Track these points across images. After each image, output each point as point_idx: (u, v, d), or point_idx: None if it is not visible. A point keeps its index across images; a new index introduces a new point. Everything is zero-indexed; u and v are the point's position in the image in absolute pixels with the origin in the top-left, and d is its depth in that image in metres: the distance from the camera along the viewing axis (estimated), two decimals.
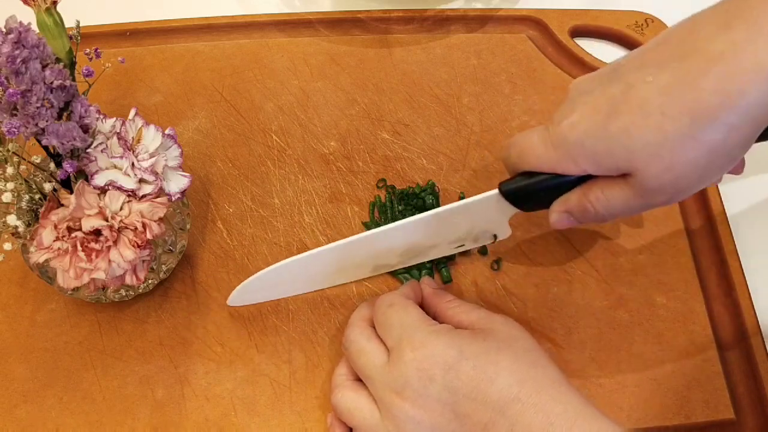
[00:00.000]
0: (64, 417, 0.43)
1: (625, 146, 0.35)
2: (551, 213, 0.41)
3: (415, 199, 0.50)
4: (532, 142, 0.39)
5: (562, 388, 0.36)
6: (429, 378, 0.37)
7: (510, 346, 0.38)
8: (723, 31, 0.32)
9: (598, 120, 0.36)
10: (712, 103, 0.32)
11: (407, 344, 0.38)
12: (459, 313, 0.41)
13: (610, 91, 0.36)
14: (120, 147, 0.41)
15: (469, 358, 0.37)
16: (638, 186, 0.36)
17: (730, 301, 0.47)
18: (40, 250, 0.39)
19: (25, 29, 0.36)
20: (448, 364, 0.37)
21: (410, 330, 0.39)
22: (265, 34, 0.60)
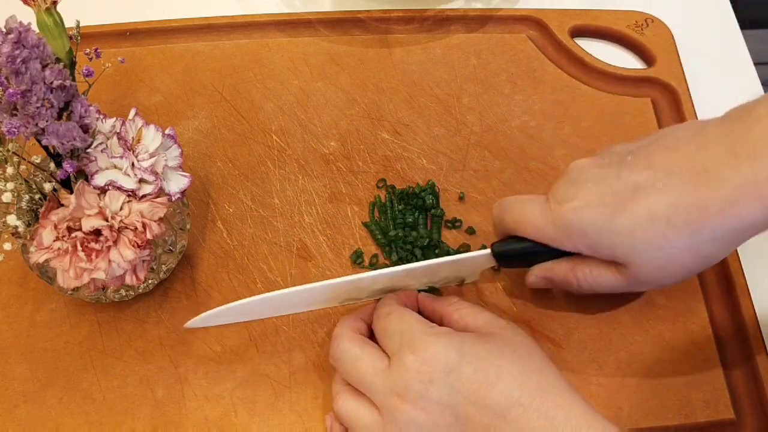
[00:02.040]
0: (64, 417, 0.43)
1: (627, 243, 0.38)
2: (530, 275, 0.44)
3: (415, 199, 0.50)
4: (531, 213, 0.41)
5: (566, 394, 0.36)
6: (429, 380, 0.37)
7: (513, 350, 0.38)
8: (730, 158, 0.36)
9: (605, 213, 0.38)
10: (715, 222, 0.36)
11: (407, 348, 0.38)
12: (465, 315, 0.41)
13: (618, 186, 0.38)
14: (120, 147, 0.41)
15: (470, 361, 0.37)
16: (629, 276, 0.39)
17: (730, 301, 0.47)
18: (40, 250, 0.39)
19: (25, 29, 0.36)
20: (449, 367, 0.37)
21: (410, 333, 0.39)
22: (265, 34, 0.60)
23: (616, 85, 0.57)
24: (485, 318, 0.40)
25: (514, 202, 0.43)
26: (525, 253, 0.43)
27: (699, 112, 0.55)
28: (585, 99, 0.56)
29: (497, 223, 0.44)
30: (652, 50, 0.58)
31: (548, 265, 0.43)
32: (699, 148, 0.37)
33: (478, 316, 0.41)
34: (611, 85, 0.57)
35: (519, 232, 0.42)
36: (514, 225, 0.42)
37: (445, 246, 0.49)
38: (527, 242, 0.42)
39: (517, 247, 0.43)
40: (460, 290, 0.48)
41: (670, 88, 0.56)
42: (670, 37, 0.59)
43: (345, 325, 0.42)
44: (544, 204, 0.41)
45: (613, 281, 0.40)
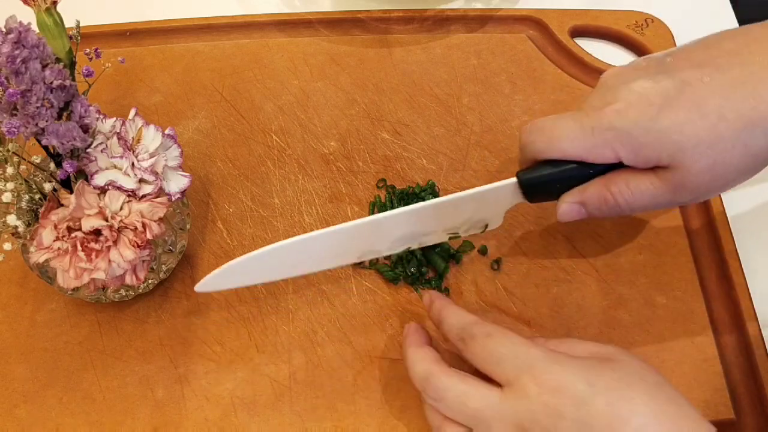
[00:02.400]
0: (64, 417, 0.43)
1: (675, 141, 0.36)
2: (561, 203, 0.40)
3: (415, 199, 0.50)
4: (565, 126, 0.38)
5: (699, 425, 0.33)
6: (558, 415, 0.33)
7: (642, 379, 0.34)
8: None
9: (650, 112, 0.36)
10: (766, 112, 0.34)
11: (529, 378, 0.34)
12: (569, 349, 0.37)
13: (663, 85, 0.36)
14: (120, 147, 0.41)
15: (600, 392, 0.33)
16: (673, 181, 0.37)
17: (730, 301, 0.47)
18: (40, 250, 0.39)
19: (25, 29, 0.36)
20: (579, 399, 0.33)
21: (528, 360, 0.35)
22: (265, 34, 0.60)
23: None
24: (596, 345, 0.37)
25: (544, 121, 0.40)
26: (555, 179, 0.40)
27: None
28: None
29: (526, 147, 0.40)
30: (652, 50, 0.58)
31: (580, 188, 0.39)
32: (745, 44, 0.35)
33: (586, 344, 0.37)
34: None
35: (551, 151, 0.39)
36: (547, 144, 0.39)
37: (445, 245, 0.49)
38: (557, 165, 0.39)
39: (546, 172, 0.40)
40: (460, 290, 0.48)
41: None
42: (670, 37, 0.59)
43: (421, 353, 0.38)
44: (579, 115, 0.38)
45: (653, 191, 0.38)
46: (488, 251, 0.49)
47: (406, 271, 0.48)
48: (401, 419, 0.43)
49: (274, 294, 0.48)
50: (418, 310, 0.47)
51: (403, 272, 0.48)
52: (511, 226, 0.50)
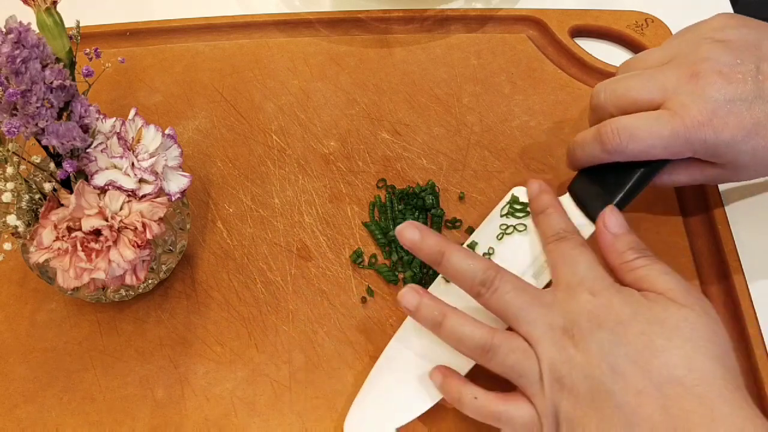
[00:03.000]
0: (64, 417, 0.43)
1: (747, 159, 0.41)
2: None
3: (415, 199, 0.50)
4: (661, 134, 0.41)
5: (737, 392, 0.34)
6: (598, 324, 0.36)
7: (693, 329, 0.35)
8: None
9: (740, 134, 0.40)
10: None
11: (587, 288, 0.38)
12: (655, 275, 0.38)
13: (757, 110, 0.40)
14: (120, 147, 0.41)
15: (641, 321, 0.36)
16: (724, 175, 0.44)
17: (731, 301, 0.47)
18: (40, 250, 0.39)
19: (25, 29, 0.36)
20: (620, 319, 0.36)
21: (594, 275, 0.38)
22: (265, 34, 0.60)
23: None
24: (677, 284, 0.38)
25: (633, 126, 0.41)
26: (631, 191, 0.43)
27: None
28: (585, 99, 0.56)
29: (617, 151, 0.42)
30: None
31: None
32: None
33: (670, 280, 0.38)
34: None
35: (643, 156, 0.42)
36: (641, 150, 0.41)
37: None
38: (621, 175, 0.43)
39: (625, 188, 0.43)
40: None
41: None
42: (670, 36, 0.59)
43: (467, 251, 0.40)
44: (672, 121, 0.40)
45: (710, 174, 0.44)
46: None
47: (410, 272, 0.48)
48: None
49: (273, 294, 0.48)
50: None
51: (404, 272, 0.48)
52: None
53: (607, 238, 0.41)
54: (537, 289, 0.39)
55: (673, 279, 0.38)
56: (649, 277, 0.38)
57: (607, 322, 0.36)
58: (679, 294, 0.37)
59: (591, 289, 0.38)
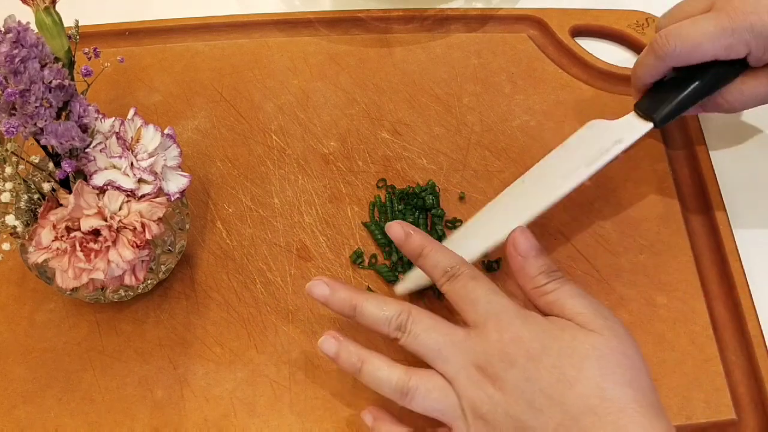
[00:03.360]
0: (63, 417, 0.43)
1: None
2: None
3: (415, 199, 0.50)
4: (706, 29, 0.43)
5: (649, 412, 0.34)
6: (510, 362, 0.36)
7: (602, 356, 0.36)
8: None
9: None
10: None
11: (494, 324, 0.38)
12: (564, 299, 0.38)
13: None
14: (119, 147, 0.41)
15: (551, 355, 0.36)
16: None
17: (731, 301, 0.47)
18: (39, 250, 0.39)
19: (24, 28, 0.36)
20: (531, 355, 0.36)
21: (497, 308, 0.38)
22: (264, 33, 0.60)
23: (617, 85, 0.57)
24: (586, 308, 0.38)
25: (680, 27, 0.44)
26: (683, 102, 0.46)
27: None
28: (586, 99, 0.56)
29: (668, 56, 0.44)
30: None
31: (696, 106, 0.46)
32: None
33: (577, 303, 0.38)
34: (612, 84, 0.57)
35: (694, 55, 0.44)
36: (690, 48, 0.44)
37: None
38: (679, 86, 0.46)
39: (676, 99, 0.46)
40: None
41: None
42: None
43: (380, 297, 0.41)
44: (717, 17, 0.43)
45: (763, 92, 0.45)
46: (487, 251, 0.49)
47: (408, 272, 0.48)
48: (401, 420, 0.43)
49: (273, 294, 0.47)
50: None
51: (404, 272, 0.48)
52: None
53: (517, 261, 0.41)
54: (450, 327, 0.39)
55: (581, 302, 0.38)
56: (558, 302, 0.39)
57: (519, 359, 0.36)
58: (588, 318, 0.37)
59: (497, 325, 0.38)
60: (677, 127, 0.54)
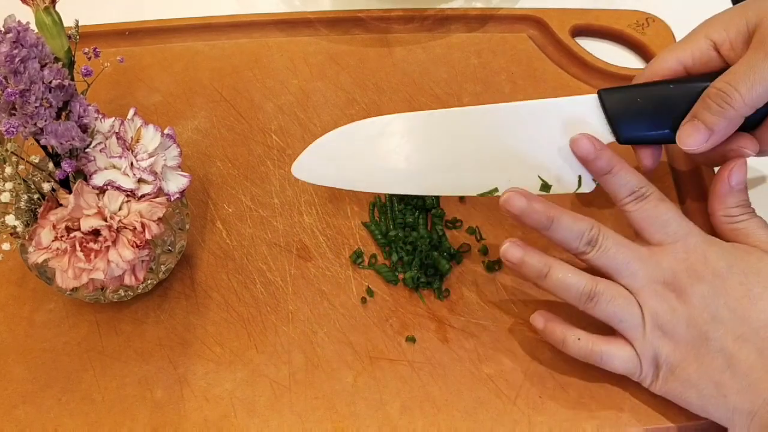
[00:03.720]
0: (62, 417, 0.43)
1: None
2: (683, 125, 0.42)
3: (415, 199, 0.50)
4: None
5: None
6: (698, 278, 0.39)
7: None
8: None
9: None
10: None
11: (682, 245, 0.41)
12: (746, 228, 0.41)
13: None
14: (119, 147, 0.41)
15: (737, 273, 0.39)
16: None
17: None
18: (39, 250, 0.39)
19: (24, 28, 0.36)
20: (718, 272, 0.39)
21: (686, 231, 0.41)
22: (264, 33, 0.60)
23: (617, 85, 0.57)
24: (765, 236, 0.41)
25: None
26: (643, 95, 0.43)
27: None
28: None
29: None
30: (653, 50, 0.58)
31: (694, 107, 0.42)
32: None
33: (764, 234, 0.41)
34: (612, 84, 0.57)
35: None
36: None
37: (446, 245, 0.48)
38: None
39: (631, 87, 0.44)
40: (460, 290, 0.47)
41: None
42: (671, 36, 0.58)
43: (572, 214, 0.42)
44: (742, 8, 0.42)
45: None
46: (488, 251, 0.49)
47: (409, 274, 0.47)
48: (401, 420, 0.43)
49: (273, 294, 0.47)
50: (419, 311, 0.47)
51: (404, 272, 0.48)
52: (511, 226, 0.50)
53: (724, 188, 0.43)
54: (635, 245, 0.42)
55: (767, 233, 0.41)
56: (745, 230, 0.42)
57: (706, 276, 0.40)
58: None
59: (685, 245, 0.41)
60: None
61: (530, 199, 0.42)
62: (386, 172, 0.46)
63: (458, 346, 0.45)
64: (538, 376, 0.44)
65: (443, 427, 0.43)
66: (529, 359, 0.45)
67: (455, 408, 0.43)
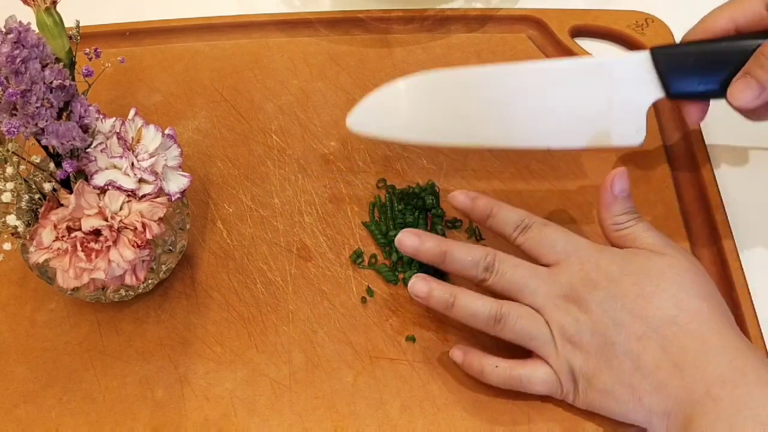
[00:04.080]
0: (63, 417, 0.43)
1: None
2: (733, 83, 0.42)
3: (415, 199, 0.50)
4: None
5: (727, 325, 0.38)
6: (594, 285, 0.40)
7: (677, 274, 0.40)
8: None
9: None
10: None
11: (575, 258, 0.41)
12: (636, 232, 0.42)
13: None
14: (120, 147, 0.41)
15: (629, 274, 0.40)
16: None
17: (731, 302, 0.47)
18: (40, 250, 0.39)
19: (25, 29, 0.36)
20: (611, 277, 0.40)
21: (575, 245, 0.42)
22: (265, 33, 0.60)
23: None
24: (657, 239, 0.42)
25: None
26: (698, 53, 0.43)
27: None
28: None
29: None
30: None
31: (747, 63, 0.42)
32: None
33: (651, 236, 0.42)
34: None
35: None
36: None
37: None
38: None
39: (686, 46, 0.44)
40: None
41: None
42: (670, 37, 0.59)
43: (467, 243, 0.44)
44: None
45: None
46: None
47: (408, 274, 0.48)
48: (401, 419, 0.43)
49: (273, 294, 0.47)
50: (419, 310, 0.47)
51: (404, 272, 0.48)
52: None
53: (608, 197, 0.43)
54: (533, 265, 0.43)
55: (653, 235, 0.42)
56: (632, 235, 0.42)
57: (600, 282, 0.40)
58: (659, 247, 0.41)
59: (578, 257, 0.41)
60: (677, 127, 0.54)
61: (422, 238, 0.44)
62: (442, 122, 0.47)
63: None
64: None
65: (443, 427, 0.43)
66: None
67: (455, 408, 0.43)
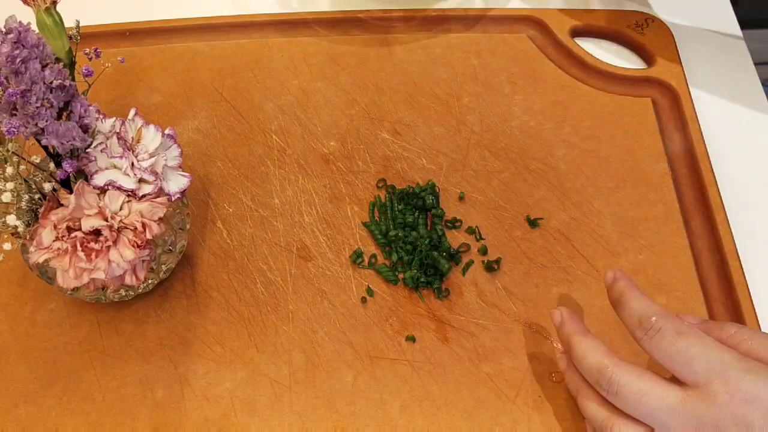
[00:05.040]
0: (63, 417, 0.43)
1: None
2: None
3: (415, 199, 0.50)
4: None
5: None
6: (747, 425, 0.33)
7: None
8: None
9: None
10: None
11: (720, 384, 0.34)
12: (761, 349, 0.36)
13: None
14: (120, 147, 0.41)
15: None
16: None
17: (731, 302, 0.47)
18: (40, 250, 0.39)
19: (25, 29, 0.36)
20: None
21: (721, 366, 0.34)
22: (265, 33, 0.60)
23: (617, 85, 0.57)
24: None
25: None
26: None
27: (699, 112, 0.55)
28: (585, 99, 0.56)
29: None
30: (652, 50, 0.58)
31: None
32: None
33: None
34: (611, 85, 0.57)
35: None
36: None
37: (446, 243, 0.49)
38: None
39: None
40: (460, 290, 0.48)
41: (670, 87, 0.56)
42: (670, 37, 0.59)
43: (591, 342, 0.38)
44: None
45: None
46: (488, 251, 0.49)
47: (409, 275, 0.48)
48: (401, 419, 0.43)
49: (273, 294, 0.48)
50: (419, 310, 0.47)
51: (404, 272, 0.48)
52: (510, 226, 0.50)
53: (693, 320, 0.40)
54: (663, 388, 0.36)
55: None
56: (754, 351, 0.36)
57: (757, 420, 0.33)
58: None
59: (725, 384, 0.34)
60: (677, 127, 0.55)
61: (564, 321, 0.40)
62: None
63: (458, 346, 0.45)
64: (537, 375, 0.44)
65: (443, 427, 0.43)
66: (528, 359, 0.45)
67: (455, 407, 0.43)
